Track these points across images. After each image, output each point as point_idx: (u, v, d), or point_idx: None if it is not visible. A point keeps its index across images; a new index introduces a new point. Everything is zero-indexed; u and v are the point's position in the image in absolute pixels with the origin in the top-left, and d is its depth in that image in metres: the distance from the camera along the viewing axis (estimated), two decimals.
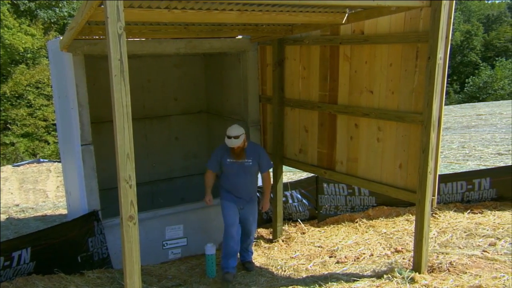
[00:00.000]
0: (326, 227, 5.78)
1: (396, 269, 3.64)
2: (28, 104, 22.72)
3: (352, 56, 4.28)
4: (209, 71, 7.08)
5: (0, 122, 22.21)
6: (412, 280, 3.40)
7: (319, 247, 5.23)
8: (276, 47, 5.14)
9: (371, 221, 5.62)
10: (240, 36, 5.40)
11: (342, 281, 3.64)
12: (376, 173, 4.19)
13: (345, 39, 4.30)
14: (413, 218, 5.19)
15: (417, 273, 3.54)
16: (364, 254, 4.76)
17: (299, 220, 6.05)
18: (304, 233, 5.74)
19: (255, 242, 5.47)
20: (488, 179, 5.64)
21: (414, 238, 3.74)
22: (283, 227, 5.82)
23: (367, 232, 5.38)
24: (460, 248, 4.30)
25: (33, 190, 12.32)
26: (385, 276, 3.55)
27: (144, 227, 4.90)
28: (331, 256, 4.87)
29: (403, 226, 5.34)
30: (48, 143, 23.09)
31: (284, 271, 4.63)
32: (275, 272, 4.66)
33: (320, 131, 4.81)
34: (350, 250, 4.94)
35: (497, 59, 39.77)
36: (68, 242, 4.56)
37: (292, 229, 5.88)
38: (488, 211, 5.35)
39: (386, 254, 4.65)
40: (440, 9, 3.28)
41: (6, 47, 21.82)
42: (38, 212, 9.22)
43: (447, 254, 4.01)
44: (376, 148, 4.15)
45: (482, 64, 40.33)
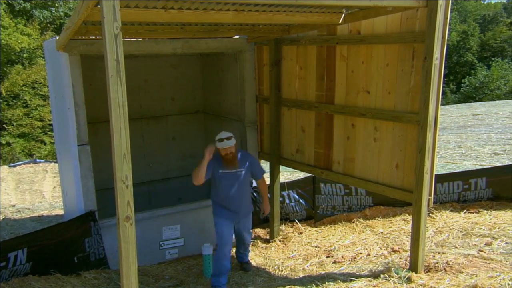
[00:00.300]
0: (323, 227, 5.79)
1: (392, 268, 3.65)
2: (25, 104, 22.66)
3: (348, 56, 4.28)
4: (206, 71, 7.08)
5: None
6: (409, 279, 3.41)
7: (316, 247, 5.24)
8: (273, 47, 5.14)
9: (368, 221, 5.63)
10: (237, 36, 5.40)
11: (339, 281, 3.64)
12: (373, 173, 4.20)
13: (341, 39, 4.30)
14: (409, 218, 5.21)
15: (413, 272, 3.54)
16: (361, 254, 4.77)
17: (296, 220, 6.06)
18: (301, 233, 5.74)
19: (252, 242, 5.47)
20: (484, 179, 5.66)
21: (410, 237, 3.75)
22: (280, 227, 5.82)
23: (364, 232, 5.39)
24: (456, 247, 4.32)
25: (29, 190, 12.27)
26: (382, 275, 3.55)
27: (141, 228, 4.88)
28: (328, 256, 4.88)
29: (399, 226, 5.36)
30: (45, 144, 23.04)
31: (281, 271, 4.63)
32: (272, 272, 4.66)
33: (317, 131, 4.82)
34: (347, 250, 4.95)
35: (493, 59, 39.92)
36: (64, 243, 4.55)
37: (289, 229, 5.89)
38: (484, 211, 5.37)
39: (383, 253, 4.66)
40: (436, 9, 3.29)
41: (2, 47, 21.74)
42: (35, 212, 9.19)
43: (443, 253, 4.02)
44: (373, 148, 4.16)
45: (478, 64, 40.48)
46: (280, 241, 5.59)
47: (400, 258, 4.23)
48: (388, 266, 3.91)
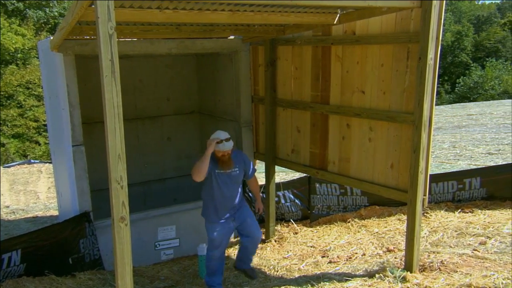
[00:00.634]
0: (318, 227, 5.80)
1: (388, 268, 3.66)
2: (19, 105, 22.52)
3: (343, 56, 4.29)
4: (201, 71, 7.07)
5: None
6: (404, 279, 3.42)
7: (311, 247, 5.25)
8: (268, 47, 5.14)
9: (363, 220, 5.64)
10: (232, 37, 5.40)
11: (335, 280, 3.65)
12: (368, 173, 4.21)
13: (336, 40, 4.31)
14: (404, 217, 5.23)
15: (408, 272, 3.56)
16: (356, 253, 4.78)
17: (291, 220, 6.06)
18: (296, 233, 5.75)
19: None
20: (479, 179, 5.69)
21: (405, 237, 3.76)
22: (276, 227, 5.82)
23: (359, 231, 5.40)
24: (451, 247, 4.34)
25: (24, 191, 12.21)
26: (377, 275, 3.56)
27: (136, 228, 4.87)
28: (324, 256, 4.88)
29: (395, 226, 5.37)
30: (39, 144, 22.91)
31: (277, 271, 4.63)
32: (267, 272, 4.66)
33: (312, 131, 4.82)
34: (343, 250, 4.96)
35: (487, 59, 40.16)
36: (59, 244, 4.53)
37: (285, 229, 5.89)
38: (479, 210, 5.40)
39: (378, 253, 4.67)
40: (431, 9, 3.30)
41: None
42: (29, 213, 9.15)
43: (438, 253, 4.04)
44: (368, 148, 4.17)
45: (472, 65, 40.69)
46: (275, 241, 5.59)
47: (395, 258, 4.24)
48: (383, 265, 3.92)
